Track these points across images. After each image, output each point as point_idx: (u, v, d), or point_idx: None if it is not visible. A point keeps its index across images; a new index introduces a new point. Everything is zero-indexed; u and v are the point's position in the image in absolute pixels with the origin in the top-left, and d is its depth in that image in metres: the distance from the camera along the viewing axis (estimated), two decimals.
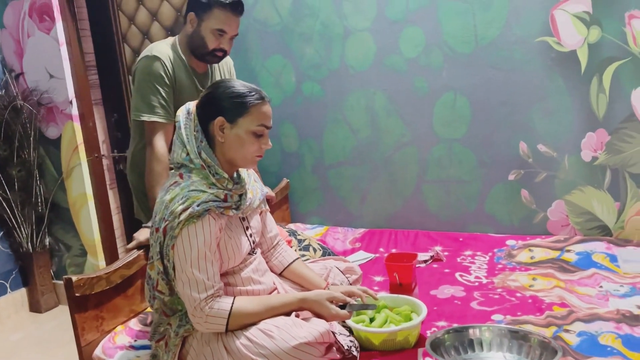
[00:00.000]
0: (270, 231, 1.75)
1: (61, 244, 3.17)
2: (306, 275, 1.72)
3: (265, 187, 2.36)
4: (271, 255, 1.76)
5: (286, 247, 1.80)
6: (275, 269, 1.75)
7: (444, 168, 2.50)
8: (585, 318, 1.65)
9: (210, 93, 1.50)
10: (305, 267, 1.75)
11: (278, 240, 1.79)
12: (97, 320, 1.68)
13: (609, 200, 2.26)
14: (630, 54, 2.12)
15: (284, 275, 1.74)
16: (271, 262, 1.75)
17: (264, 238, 1.74)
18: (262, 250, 1.73)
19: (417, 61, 2.44)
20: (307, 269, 1.75)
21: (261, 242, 1.73)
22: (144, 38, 2.92)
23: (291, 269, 1.74)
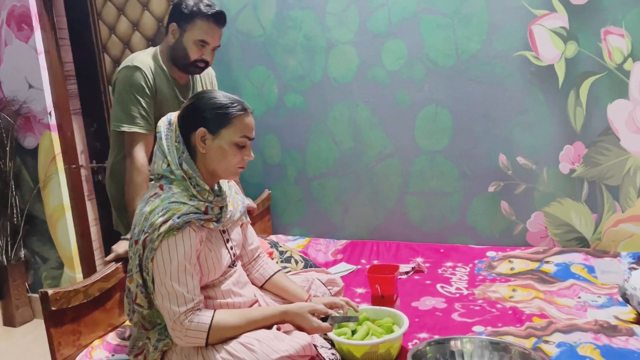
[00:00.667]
0: (251, 243, 1.74)
1: (37, 256, 3.10)
2: (288, 287, 1.71)
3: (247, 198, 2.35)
4: (252, 268, 1.74)
5: (267, 259, 1.78)
6: (257, 282, 1.73)
7: (425, 180, 2.52)
8: (564, 329, 1.67)
9: (193, 104, 1.49)
10: (286, 279, 1.74)
11: (259, 252, 1.77)
12: (73, 334, 1.65)
13: (586, 212, 2.30)
14: (606, 68, 2.17)
15: (266, 288, 1.73)
16: (252, 274, 1.73)
17: (244, 250, 1.72)
18: (243, 262, 1.72)
19: (400, 74, 2.47)
20: (288, 281, 1.74)
21: (242, 254, 1.72)
22: (125, 48, 2.90)
23: (272, 281, 1.72)
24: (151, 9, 2.81)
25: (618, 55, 2.14)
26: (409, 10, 2.39)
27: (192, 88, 2.11)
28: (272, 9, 2.62)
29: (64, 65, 2.96)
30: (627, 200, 2.23)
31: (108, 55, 2.94)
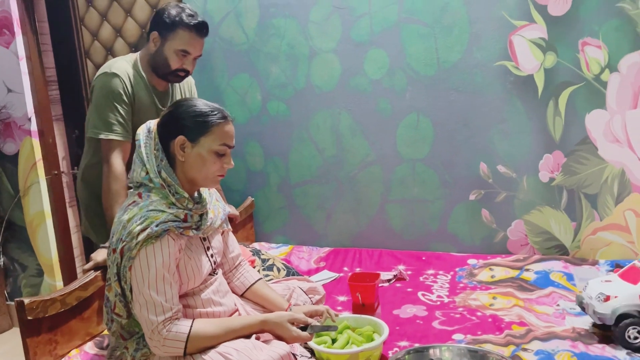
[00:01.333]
0: (232, 251, 1.73)
1: (17, 263, 3.06)
2: (268, 296, 1.70)
3: (229, 205, 2.34)
4: (233, 276, 1.73)
5: (248, 267, 1.78)
6: (237, 290, 1.72)
7: (407, 188, 2.53)
8: (542, 337, 1.69)
9: (172, 112, 1.49)
10: (267, 288, 1.73)
11: (240, 260, 1.76)
12: (50, 344, 1.62)
13: (565, 220, 2.33)
14: (583, 79, 2.21)
15: (246, 297, 1.72)
16: (233, 282, 1.72)
17: (225, 258, 1.71)
18: (223, 270, 1.71)
19: (381, 83, 2.48)
20: (269, 289, 1.73)
21: (223, 262, 1.71)
22: (108, 54, 2.89)
23: (253, 289, 1.72)
24: (134, 15, 2.80)
25: (595, 66, 2.18)
26: (391, 19, 2.41)
27: (171, 96, 2.10)
28: (255, 17, 2.63)
29: (46, 70, 2.93)
30: (605, 208, 2.27)
31: (90, 61, 2.92)
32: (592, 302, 1.65)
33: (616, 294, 1.61)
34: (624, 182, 2.22)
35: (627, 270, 1.70)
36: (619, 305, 1.60)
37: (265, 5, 2.60)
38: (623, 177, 2.22)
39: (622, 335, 1.58)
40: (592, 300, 1.65)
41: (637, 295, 1.60)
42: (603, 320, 1.62)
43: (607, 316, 1.61)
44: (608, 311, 1.60)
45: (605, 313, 1.61)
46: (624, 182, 2.22)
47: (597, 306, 1.63)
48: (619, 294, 1.61)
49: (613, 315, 1.60)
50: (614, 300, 1.61)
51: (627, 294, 1.61)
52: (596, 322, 1.68)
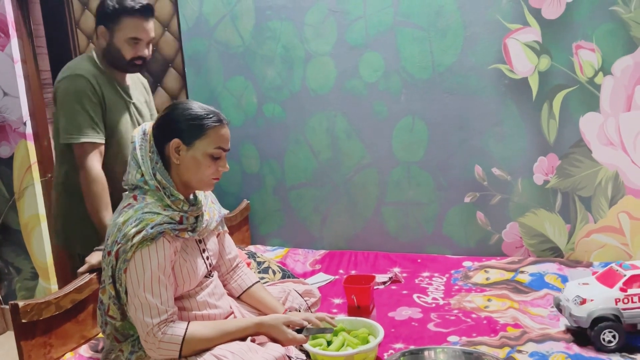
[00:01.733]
0: (229, 253, 1.73)
1: (11, 266, 3.05)
2: (264, 299, 1.70)
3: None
4: (230, 278, 1.73)
5: (246, 269, 1.77)
6: (234, 292, 1.72)
7: (402, 190, 2.54)
8: (537, 338, 1.69)
9: (167, 114, 1.49)
10: (264, 292, 1.73)
11: (238, 262, 1.76)
12: (44, 347, 1.62)
13: (560, 223, 2.34)
14: (577, 82, 2.22)
15: (242, 299, 1.72)
16: (230, 284, 1.72)
17: (222, 260, 1.71)
18: (220, 272, 1.71)
19: (377, 86, 2.49)
20: (266, 293, 1.73)
21: (219, 264, 1.71)
22: None
23: (250, 292, 1.71)
24: None
25: (589, 69, 2.20)
26: (386, 23, 2.42)
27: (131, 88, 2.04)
28: (250, 20, 2.63)
29: (41, 73, 2.93)
30: (599, 211, 2.28)
31: None
32: (569, 305, 1.66)
33: (592, 297, 1.62)
34: (617, 184, 2.23)
35: (604, 273, 1.71)
36: (594, 309, 1.60)
37: (261, 8, 2.61)
38: (617, 179, 2.23)
39: (597, 338, 1.59)
40: (569, 302, 1.66)
41: (613, 298, 1.61)
42: (579, 323, 1.63)
43: (582, 319, 1.61)
44: (584, 314, 1.61)
45: (581, 316, 1.62)
46: (617, 185, 2.23)
47: (573, 309, 1.64)
48: (595, 297, 1.62)
49: (589, 319, 1.60)
50: (590, 304, 1.61)
51: (603, 297, 1.62)
52: (572, 325, 1.68)
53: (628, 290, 1.61)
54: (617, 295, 1.61)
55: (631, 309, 1.61)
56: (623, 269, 1.66)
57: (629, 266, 1.66)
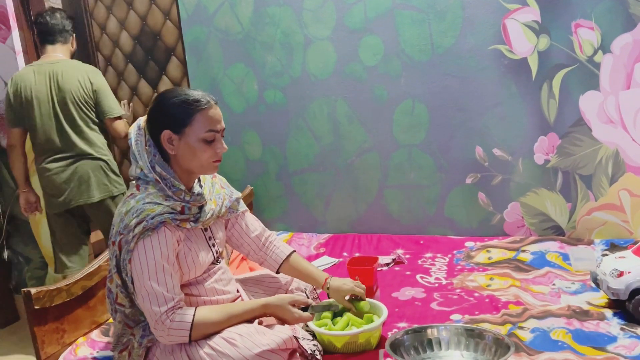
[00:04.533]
0: (253, 231, 1.71)
1: (20, 256, 3.09)
2: (303, 268, 1.70)
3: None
4: (265, 255, 1.71)
5: (279, 242, 1.75)
6: (271, 267, 1.72)
7: (404, 173, 2.56)
8: (538, 315, 1.72)
9: (154, 106, 1.49)
10: (301, 260, 1.72)
11: (267, 236, 1.74)
12: (57, 332, 1.66)
13: (561, 202, 2.36)
14: (577, 61, 2.22)
15: (282, 272, 1.72)
16: (266, 261, 1.71)
17: (249, 239, 1.70)
18: (251, 252, 1.71)
19: (377, 69, 2.50)
20: (303, 261, 1.73)
21: (245, 246, 1.70)
22: (115, 46, 2.95)
23: (286, 264, 1.70)
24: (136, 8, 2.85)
25: (588, 48, 2.20)
26: (385, 6, 2.42)
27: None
28: (249, 6, 2.64)
29: None
30: (599, 189, 2.30)
31: (101, 54, 2.99)
32: (606, 278, 1.68)
33: (630, 270, 1.64)
34: (618, 162, 2.25)
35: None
36: (632, 280, 1.62)
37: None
38: (617, 157, 2.24)
39: (636, 309, 1.61)
40: (606, 276, 1.68)
41: None
42: (617, 295, 1.65)
43: (621, 291, 1.63)
44: (622, 286, 1.63)
45: (619, 288, 1.64)
46: (618, 163, 2.25)
47: (610, 282, 1.66)
48: (632, 270, 1.64)
49: (627, 290, 1.62)
50: (628, 276, 1.63)
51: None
52: (610, 297, 1.70)
53: None
54: None
55: None
56: None
57: None
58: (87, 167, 2.45)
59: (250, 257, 1.74)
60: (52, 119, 2.42)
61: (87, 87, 2.44)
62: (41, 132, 2.43)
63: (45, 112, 2.42)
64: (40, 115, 2.42)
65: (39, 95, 2.41)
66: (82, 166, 2.44)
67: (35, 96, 2.41)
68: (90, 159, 2.46)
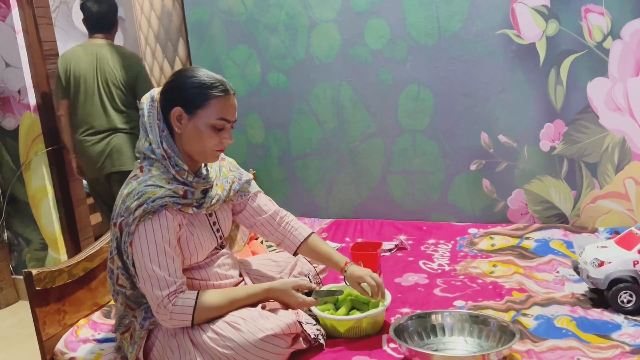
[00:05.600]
0: (267, 211, 1.68)
1: (20, 238, 3.08)
2: (322, 250, 1.66)
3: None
4: (282, 236, 1.68)
5: (295, 223, 1.71)
6: (289, 249, 1.69)
7: (408, 159, 2.54)
8: (542, 302, 1.71)
9: (173, 80, 1.46)
10: (320, 242, 1.68)
11: (282, 216, 1.70)
12: (58, 313, 1.65)
13: (565, 189, 2.34)
14: (586, 46, 2.19)
15: (301, 253, 1.70)
16: (284, 243, 1.68)
17: (261, 220, 1.66)
18: (266, 233, 1.68)
19: (382, 53, 2.47)
20: (322, 243, 1.69)
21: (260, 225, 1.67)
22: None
23: (304, 246, 1.67)
24: None
25: (598, 34, 2.17)
26: None
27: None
28: None
29: (44, 44, 2.90)
30: (604, 177, 2.28)
31: None
32: (587, 267, 1.68)
33: (610, 260, 1.64)
34: (624, 150, 2.23)
35: (623, 237, 1.72)
36: (612, 270, 1.62)
37: None
38: (624, 145, 2.22)
39: (614, 299, 1.61)
40: (587, 265, 1.68)
41: (631, 260, 1.62)
42: (596, 284, 1.64)
43: (600, 281, 1.63)
44: (601, 276, 1.63)
45: (598, 278, 1.63)
46: (624, 151, 2.23)
47: (591, 271, 1.66)
48: (613, 260, 1.63)
49: (606, 280, 1.62)
50: (608, 266, 1.63)
51: (621, 259, 1.63)
52: (590, 287, 1.70)
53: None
54: (635, 257, 1.62)
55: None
56: None
57: None
58: (121, 139, 2.70)
59: (267, 238, 1.71)
60: (95, 97, 2.67)
61: (129, 71, 2.68)
62: (82, 107, 2.69)
63: (89, 90, 2.67)
64: (85, 91, 2.67)
65: (86, 74, 2.66)
66: (116, 138, 2.69)
67: (83, 74, 2.66)
68: (124, 133, 2.71)
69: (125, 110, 2.71)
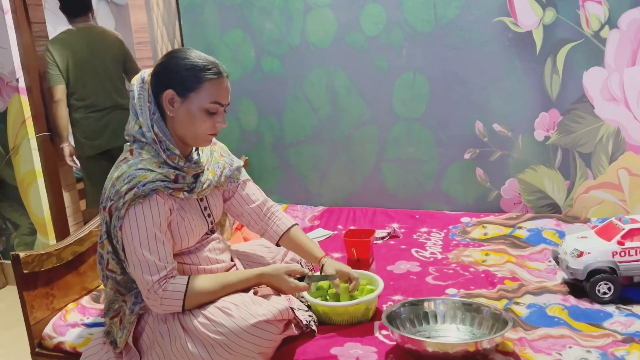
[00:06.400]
0: (255, 200, 1.66)
1: (9, 222, 3.04)
2: (302, 243, 1.66)
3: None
4: (266, 226, 1.67)
5: (281, 214, 1.70)
6: (272, 239, 1.68)
7: (402, 147, 2.53)
8: (534, 291, 1.71)
9: (164, 62, 1.42)
10: (301, 235, 1.68)
11: (269, 207, 1.69)
12: (47, 297, 1.63)
13: (559, 179, 2.34)
14: (583, 36, 2.18)
15: (281, 245, 1.69)
16: (267, 232, 1.67)
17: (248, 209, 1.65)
18: (252, 223, 1.66)
19: (378, 39, 2.44)
20: (303, 236, 1.68)
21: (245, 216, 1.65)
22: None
23: (286, 237, 1.66)
24: None
25: (595, 23, 2.15)
26: None
27: None
28: None
29: (33, 25, 2.84)
30: (598, 167, 2.28)
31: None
32: (566, 258, 1.67)
33: (589, 250, 1.63)
34: (618, 140, 2.22)
35: (603, 227, 1.72)
36: (591, 261, 1.62)
37: None
38: (618, 135, 2.22)
39: (592, 290, 1.61)
40: (567, 255, 1.68)
41: (610, 251, 1.62)
42: (575, 275, 1.64)
43: (579, 271, 1.63)
44: (581, 267, 1.63)
45: (577, 268, 1.63)
46: (618, 141, 2.22)
47: (570, 261, 1.65)
48: (592, 250, 1.63)
49: (585, 271, 1.62)
50: (587, 256, 1.63)
51: (601, 250, 1.63)
52: (569, 277, 1.69)
53: (625, 244, 1.62)
54: (614, 248, 1.63)
55: (627, 262, 1.62)
56: (622, 222, 1.67)
57: (628, 220, 1.67)
58: (121, 116, 2.87)
59: (251, 228, 1.69)
60: (95, 76, 2.84)
61: (117, 49, 2.90)
62: (83, 88, 2.85)
63: (88, 71, 2.83)
64: (83, 73, 2.82)
65: (83, 56, 2.81)
66: (116, 115, 2.88)
67: (80, 57, 2.80)
68: (123, 110, 2.89)
69: (121, 87, 2.92)
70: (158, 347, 1.42)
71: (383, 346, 1.44)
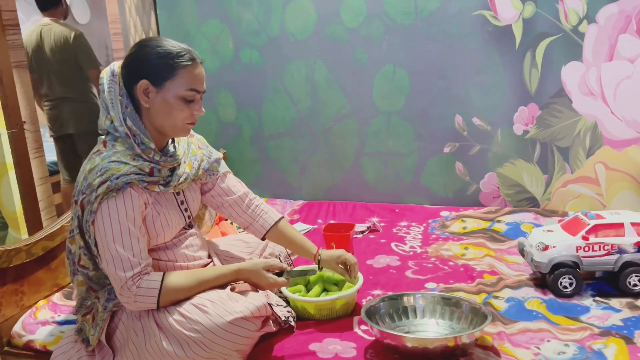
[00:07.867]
0: (236, 192, 1.61)
1: None
2: (291, 236, 1.61)
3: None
4: (251, 219, 1.61)
5: (266, 207, 1.65)
6: (258, 234, 1.63)
7: (382, 140, 2.51)
8: (513, 285, 1.72)
9: (135, 52, 1.37)
10: (289, 228, 1.63)
11: (252, 199, 1.63)
12: (16, 294, 1.58)
13: (537, 173, 2.35)
14: (561, 30, 2.19)
15: (269, 239, 1.63)
16: (252, 226, 1.62)
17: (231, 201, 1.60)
18: (234, 216, 1.61)
19: (358, 31, 2.42)
20: (291, 229, 1.63)
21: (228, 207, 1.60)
22: None
23: (273, 231, 1.61)
24: None
25: (574, 17, 2.16)
26: None
27: None
28: None
29: (3, 13, 2.75)
30: (576, 161, 2.29)
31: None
32: (532, 251, 1.68)
33: (554, 244, 1.64)
34: (596, 135, 2.24)
35: (569, 222, 1.73)
36: (556, 255, 1.63)
37: None
38: (595, 130, 2.24)
39: (554, 283, 1.62)
40: (532, 248, 1.69)
41: (575, 246, 1.63)
42: (539, 268, 1.65)
43: (543, 265, 1.64)
44: (545, 260, 1.64)
45: (541, 261, 1.64)
46: (596, 135, 2.24)
47: (535, 254, 1.67)
48: (557, 244, 1.64)
49: (549, 265, 1.63)
50: (552, 250, 1.64)
51: (565, 244, 1.64)
52: (533, 270, 1.70)
53: (590, 239, 1.63)
54: (578, 243, 1.64)
55: (590, 257, 1.64)
56: (588, 218, 1.68)
57: (594, 216, 1.68)
58: (70, 107, 3.11)
59: (235, 220, 1.65)
60: (45, 71, 3.04)
61: (73, 45, 3.01)
62: (38, 80, 3.08)
63: (40, 65, 3.04)
64: (38, 67, 3.05)
65: (38, 53, 3.02)
66: (65, 106, 3.11)
67: (37, 54, 3.02)
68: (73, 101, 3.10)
69: (72, 81, 3.09)
70: (132, 345, 1.38)
71: (362, 341, 1.43)
